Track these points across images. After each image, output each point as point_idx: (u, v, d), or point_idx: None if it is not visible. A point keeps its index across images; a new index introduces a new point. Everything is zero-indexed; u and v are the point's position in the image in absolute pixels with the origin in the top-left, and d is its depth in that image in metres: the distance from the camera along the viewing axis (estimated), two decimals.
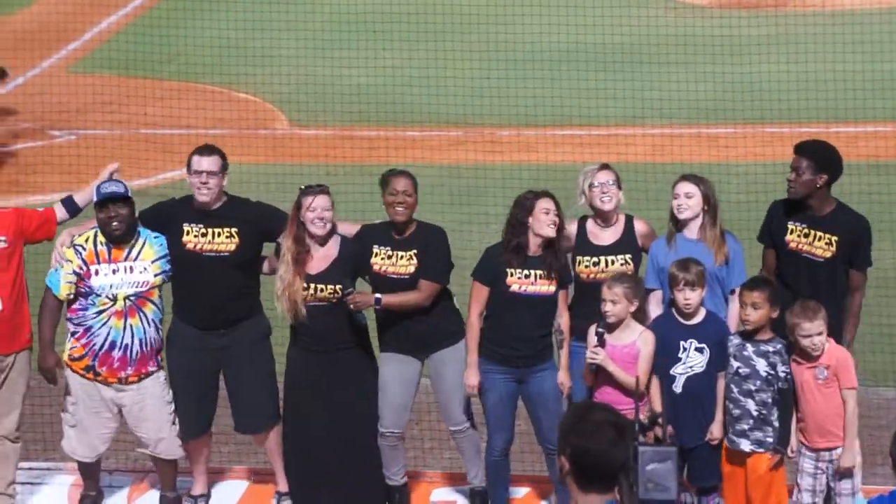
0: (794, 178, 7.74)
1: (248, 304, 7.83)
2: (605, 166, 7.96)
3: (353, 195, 11.12)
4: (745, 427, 7.39)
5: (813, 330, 7.23)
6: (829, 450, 7.34)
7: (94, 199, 7.62)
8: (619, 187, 7.87)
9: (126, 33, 17.60)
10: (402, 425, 7.87)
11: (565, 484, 4.53)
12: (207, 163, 7.76)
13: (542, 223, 7.58)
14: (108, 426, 7.84)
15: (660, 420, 6.85)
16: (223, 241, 7.74)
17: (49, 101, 14.86)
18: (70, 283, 7.65)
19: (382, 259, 7.70)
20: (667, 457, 4.38)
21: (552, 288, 7.62)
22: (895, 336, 9.83)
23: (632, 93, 14.86)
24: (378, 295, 7.58)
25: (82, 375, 7.73)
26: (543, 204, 7.60)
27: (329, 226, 7.60)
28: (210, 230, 7.74)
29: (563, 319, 7.67)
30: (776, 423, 7.38)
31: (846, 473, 7.29)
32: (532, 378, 7.65)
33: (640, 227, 7.96)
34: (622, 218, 7.93)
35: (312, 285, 7.60)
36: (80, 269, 7.65)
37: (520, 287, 7.58)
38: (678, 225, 7.85)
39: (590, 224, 7.94)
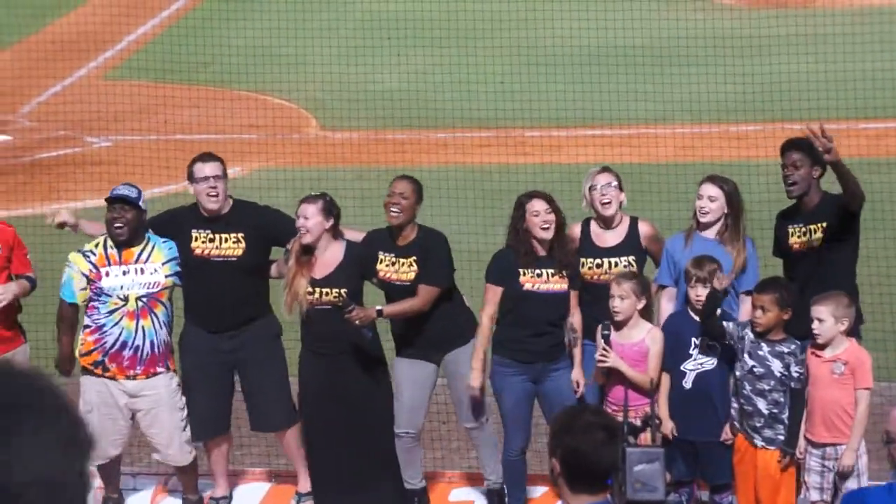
0: (793, 174, 7.81)
1: (257, 307, 7.95)
2: (605, 169, 8.01)
3: (383, 198, 11.25)
4: (757, 424, 7.47)
5: (815, 312, 7.32)
6: (834, 446, 7.41)
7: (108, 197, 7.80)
8: (621, 189, 7.93)
9: (160, 41, 17.84)
10: (418, 426, 7.95)
11: (556, 485, 4.66)
12: (211, 168, 7.88)
13: (535, 226, 7.66)
14: (122, 432, 7.95)
15: (655, 421, 6.96)
16: (230, 245, 7.87)
17: (85, 109, 15.10)
18: (83, 289, 7.81)
19: (387, 266, 7.80)
20: (654, 458, 4.49)
21: (564, 286, 7.70)
22: None
23: (661, 94, 14.91)
24: (379, 307, 7.67)
25: (91, 371, 7.86)
26: (534, 206, 7.67)
27: (310, 236, 7.67)
28: (217, 235, 7.87)
29: (574, 318, 7.73)
30: (787, 421, 7.46)
31: (848, 472, 7.35)
32: (548, 377, 7.73)
33: (644, 228, 8.00)
34: (626, 220, 7.99)
35: (318, 289, 7.71)
36: (90, 272, 7.79)
37: (533, 285, 7.68)
38: (699, 225, 7.93)
39: (593, 226, 8.00)
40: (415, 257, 7.76)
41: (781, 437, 7.46)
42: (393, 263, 7.80)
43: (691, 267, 7.59)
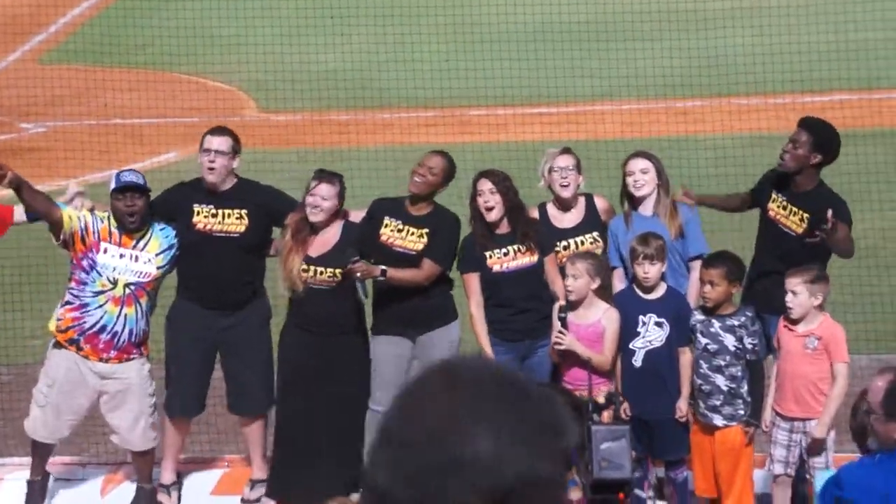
0: (790, 150, 7.78)
1: (254, 287, 7.93)
2: (566, 150, 7.97)
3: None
4: (717, 403, 7.43)
5: (789, 285, 7.27)
6: (803, 420, 7.38)
7: (113, 185, 7.69)
8: (580, 172, 7.90)
9: (96, 23, 17.54)
10: None
11: None
12: (217, 142, 7.88)
13: (480, 206, 7.64)
14: (79, 413, 7.83)
15: (619, 399, 6.91)
16: (233, 221, 7.84)
17: (20, 94, 14.80)
18: (75, 217, 7.65)
19: (392, 231, 7.73)
20: (620, 435, 4.43)
21: (534, 258, 7.67)
22: (867, 304, 9.88)
23: (605, 70, 14.84)
24: (384, 267, 7.58)
25: (65, 347, 7.74)
26: (478, 186, 7.66)
27: (323, 214, 7.63)
28: (220, 211, 7.85)
29: (556, 284, 7.68)
30: (747, 397, 7.42)
31: (818, 446, 7.32)
32: (535, 353, 7.71)
33: (600, 203, 8.03)
34: (582, 198, 7.98)
35: (312, 267, 7.66)
36: (90, 228, 7.67)
37: (501, 265, 7.65)
38: (633, 202, 7.89)
39: (550, 209, 7.98)
40: (427, 230, 7.70)
41: (741, 413, 7.42)
42: (399, 230, 7.72)
43: (637, 244, 7.57)
